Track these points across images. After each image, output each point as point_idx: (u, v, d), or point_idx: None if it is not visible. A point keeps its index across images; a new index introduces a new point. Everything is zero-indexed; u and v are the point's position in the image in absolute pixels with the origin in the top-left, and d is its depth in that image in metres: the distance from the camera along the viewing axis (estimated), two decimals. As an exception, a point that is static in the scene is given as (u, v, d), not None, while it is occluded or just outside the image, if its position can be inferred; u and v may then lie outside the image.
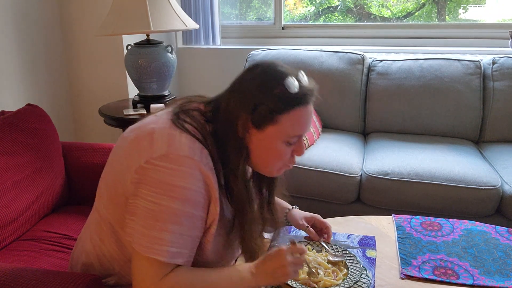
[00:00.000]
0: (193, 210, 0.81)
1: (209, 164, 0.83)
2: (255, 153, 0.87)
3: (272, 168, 0.90)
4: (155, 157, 0.79)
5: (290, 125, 0.84)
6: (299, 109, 0.84)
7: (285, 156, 0.88)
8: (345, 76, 2.22)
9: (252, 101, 0.84)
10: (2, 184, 1.28)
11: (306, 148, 1.94)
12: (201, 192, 0.82)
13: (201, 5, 2.62)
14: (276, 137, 0.85)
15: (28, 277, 0.91)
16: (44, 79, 2.39)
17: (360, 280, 0.97)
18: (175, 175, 0.79)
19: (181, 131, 0.82)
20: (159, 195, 0.79)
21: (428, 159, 1.80)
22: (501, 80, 2.08)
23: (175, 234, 0.79)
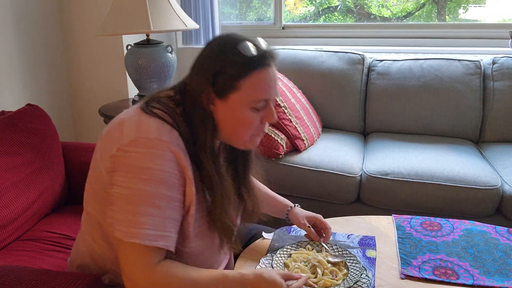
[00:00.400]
0: (167, 191, 0.81)
1: (180, 145, 0.83)
2: (224, 125, 0.87)
3: (244, 138, 0.89)
4: (125, 144, 0.80)
5: (252, 90, 0.84)
6: (258, 72, 0.83)
7: (254, 123, 0.87)
8: (345, 76, 2.22)
9: (211, 72, 0.84)
10: (2, 184, 1.28)
11: (305, 148, 1.94)
12: (174, 173, 0.82)
13: (201, 5, 2.62)
14: (240, 104, 0.85)
15: (29, 277, 0.91)
16: (44, 79, 2.39)
17: (360, 280, 0.97)
18: (145, 158, 0.79)
19: (150, 115, 0.83)
20: (132, 179, 0.80)
21: (428, 159, 1.80)
22: (501, 80, 2.08)
23: (151, 216, 0.80)
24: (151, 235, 0.79)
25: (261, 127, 0.89)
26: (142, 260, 0.81)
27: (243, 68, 0.83)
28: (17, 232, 1.31)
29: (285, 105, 1.93)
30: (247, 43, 0.84)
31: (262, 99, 0.85)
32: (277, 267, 0.98)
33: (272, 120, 0.88)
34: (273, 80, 0.87)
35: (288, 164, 1.85)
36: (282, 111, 1.91)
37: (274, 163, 1.87)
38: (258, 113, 0.87)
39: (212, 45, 0.87)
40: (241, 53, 0.83)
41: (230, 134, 0.89)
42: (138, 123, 0.82)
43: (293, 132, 1.90)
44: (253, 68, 0.83)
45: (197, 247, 0.91)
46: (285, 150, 1.87)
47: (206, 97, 0.85)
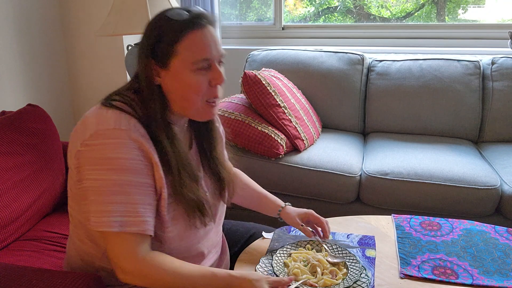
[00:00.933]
0: (134, 177, 0.83)
1: (140, 131, 0.84)
2: (174, 95, 0.89)
3: (196, 104, 0.89)
4: (87, 138, 0.83)
5: (189, 51, 0.85)
6: (193, 33, 0.85)
7: (201, 87, 0.87)
8: (344, 76, 2.22)
9: (150, 45, 0.86)
10: (3, 184, 1.28)
11: (305, 148, 1.95)
12: (139, 160, 0.83)
13: (201, 5, 2.62)
14: (182, 68, 0.86)
15: (29, 277, 0.91)
16: (45, 79, 2.40)
17: (360, 280, 0.97)
18: (107, 148, 0.81)
19: (108, 108, 0.86)
20: (98, 171, 0.82)
21: (427, 159, 1.80)
22: (500, 80, 2.08)
23: (121, 204, 0.82)
24: (122, 222, 0.82)
25: (211, 91, 0.89)
26: (126, 248, 0.83)
27: (177, 31, 0.85)
28: (18, 232, 1.32)
29: (285, 105, 1.94)
30: (176, 9, 0.87)
31: (201, 58, 0.86)
32: (277, 267, 0.98)
33: (220, 80, 0.88)
34: (211, 40, 0.87)
35: (288, 164, 1.85)
36: (282, 111, 1.91)
37: (274, 163, 1.87)
38: (204, 76, 0.87)
39: (147, 25, 0.90)
40: (172, 19, 0.85)
41: (182, 104, 0.90)
42: (97, 116, 0.85)
43: (293, 132, 1.90)
44: (186, 30, 0.85)
45: (176, 230, 0.92)
46: (285, 150, 1.87)
47: (151, 71, 0.87)
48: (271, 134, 1.85)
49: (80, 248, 0.96)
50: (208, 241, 1.01)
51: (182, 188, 0.89)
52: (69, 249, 1.02)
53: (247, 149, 1.91)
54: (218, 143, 1.03)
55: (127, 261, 0.83)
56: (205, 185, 1.00)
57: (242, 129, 1.88)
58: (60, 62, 2.51)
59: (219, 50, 0.89)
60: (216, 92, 0.90)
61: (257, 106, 1.94)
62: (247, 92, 1.94)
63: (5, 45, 2.11)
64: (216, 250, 1.07)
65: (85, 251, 0.95)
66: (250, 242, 1.18)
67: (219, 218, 1.07)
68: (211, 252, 1.04)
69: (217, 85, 0.89)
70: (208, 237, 1.01)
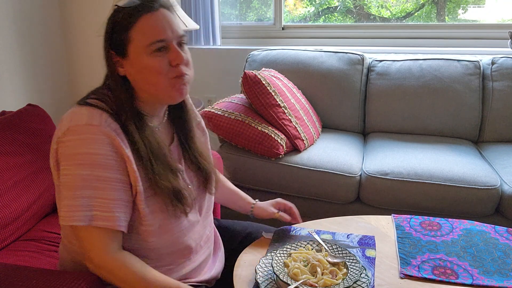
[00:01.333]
0: (104, 173, 0.83)
1: (112, 125, 0.85)
2: (138, 82, 0.90)
3: (161, 86, 0.89)
4: (61, 135, 0.85)
5: (142, 35, 0.86)
6: (144, 17, 0.86)
7: (162, 68, 0.87)
8: (344, 76, 2.22)
9: (108, 37, 0.89)
10: (3, 184, 1.28)
11: (305, 148, 1.95)
12: (109, 155, 0.84)
13: (201, 5, 2.62)
14: (139, 54, 0.87)
15: (29, 277, 0.91)
16: (45, 79, 2.40)
17: (360, 280, 0.97)
18: (78, 144, 0.83)
19: (82, 106, 0.87)
20: (70, 167, 0.84)
21: (427, 159, 1.80)
22: (500, 80, 2.08)
23: (89, 198, 0.83)
24: (90, 216, 0.83)
25: (175, 70, 0.89)
26: (95, 242, 0.84)
27: (128, 18, 0.87)
28: (18, 232, 1.32)
29: (285, 105, 1.94)
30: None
31: (155, 40, 0.86)
32: (277, 267, 0.98)
33: (179, 60, 0.88)
34: (165, 22, 0.88)
35: (288, 164, 1.85)
36: (282, 111, 1.91)
37: (274, 163, 1.87)
38: (162, 57, 0.88)
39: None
40: (123, 8, 0.87)
41: (149, 89, 0.90)
42: (71, 114, 0.87)
43: (293, 132, 1.90)
44: (137, 16, 0.86)
45: (157, 223, 0.92)
46: (285, 150, 1.87)
47: (113, 63, 0.89)
48: (271, 134, 1.85)
49: (70, 249, 0.98)
50: (194, 234, 1.01)
51: (155, 177, 0.89)
52: (61, 251, 1.03)
53: (247, 149, 1.91)
54: (195, 133, 1.04)
55: (96, 255, 0.85)
56: (188, 178, 1.00)
57: (242, 129, 1.88)
58: (60, 62, 2.51)
59: (176, 31, 0.89)
60: (181, 70, 0.89)
61: (257, 106, 1.94)
62: (247, 92, 1.94)
63: (5, 45, 2.11)
64: (208, 246, 1.07)
65: (74, 251, 0.96)
66: (247, 240, 1.19)
67: (206, 211, 1.07)
68: (201, 247, 1.04)
69: (180, 65, 0.89)
70: (194, 230, 1.01)
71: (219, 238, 1.17)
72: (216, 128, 1.92)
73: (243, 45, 2.77)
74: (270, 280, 0.97)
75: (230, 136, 1.91)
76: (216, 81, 2.76)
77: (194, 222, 1.01)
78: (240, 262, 1.07)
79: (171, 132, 1.02)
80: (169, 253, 0.95)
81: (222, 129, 1.91)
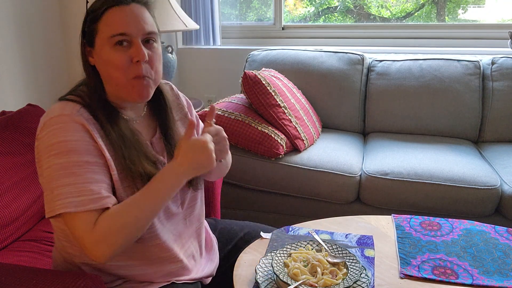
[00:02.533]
0: (80, 157, 0.84)
1: (84, 114, 0.87)
2: (102, 73, 0.91)
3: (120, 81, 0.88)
4: (38, 132, 0.87)
5: (107, 27, 0.88)
6: (112, 9, 0.88)
7: (122, 63, 0.87)
8: (344, 76, 2.22)
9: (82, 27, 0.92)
10: (3, 184, 1.28)
11: (305, 148, 1.95)
12: (84, 140, 0.85)
13: (201, 5, 2.62)
14: (103, 45, 0.88)
15: (29, 277, 0.91)
16: (45, 79, 2.40)
17: (360, 280, 0.97)
18: (52, 135, 0.84)
19: (58, 101, 0.90)
20: (47, 159, 0.84)
21: (427, 159, 1.80)
22: (500, 80, 2.08)
23: (72, 185, 0.82)
24: (76, 202, 0.82)
25: (135, 68, 0.88)
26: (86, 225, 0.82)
27: (98, 10, 0.89)
28: (18, 232, 1.32)
29: (285, 105, 1.94)
30: None
31: (117, 33, 0.87)
32: (277, 267, 0.98)
33: (139, 57, 0.87)
34: (132, 16, 0.88)
35: (288, 164, 1.85)
36: (282, 111, 1.91)
37: (274, 163, 1.87)
38: (123, 52, 0.88)
39: None
40: (93, 2, 0.90)
41: (111, 82, 0.91)
42: (47, 111, 0.89)
43: (293, 132, 1.90)
44: (107, 7, 0.88)
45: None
46: (285, 150, 1.87)
47: (85, 53, 0.92)
48: (271, 134, 1.85)
49: (61, 249, 0.98)
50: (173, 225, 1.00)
51: (127, 162, 0.89)
52: (54, 253, 1.04)
53: (247, 149, 1.91)
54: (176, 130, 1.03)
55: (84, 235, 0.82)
56: None
57: (242, 129, 1.88)
58: (60, 61, 2.51)
59: (143, 28, 0.89)
60: (140, 70, 0.88)
61: (257, 106, 1.94)
62: (247, 92, 1.94)
63: (5, 45, 2.11)
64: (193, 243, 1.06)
65: (65, 250, 0.97)
66: (244, 240, 1.19)
67: (188, 205, 1.05)
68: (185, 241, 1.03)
69: (140, 62, 0.88)
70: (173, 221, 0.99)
71: (213, 238, 1.17)
72: (216, 128, 1.92)
73: (243, 45, 2.77)
74: (270, 280, 0.97)
75: (230, 136, 1.91)
76: (216, 81, 2.76)
77: (174, 214, 1.00)
78: (240, 262, 1.07)
79: (154, 125, 1.02)
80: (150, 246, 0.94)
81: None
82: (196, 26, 2.23)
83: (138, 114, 0.99)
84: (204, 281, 1.10)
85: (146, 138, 0.98)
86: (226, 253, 1.18)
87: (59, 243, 0.99)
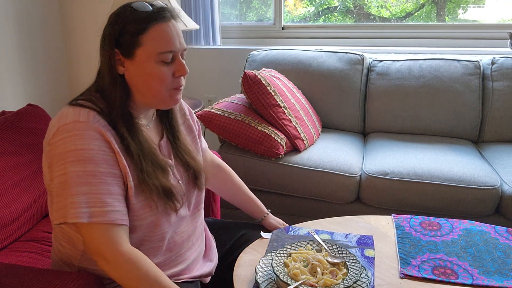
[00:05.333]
0: (97, 167, 0.84)
1: (100, 121, 0.87)
2: (138, 84, 0.91)
3: (161, 94, 0.91)
4: (51, 137, 0.86)
5: (154, 42, 0.88)
6: (157, 25, 0.89)
7: (166, 77, 0.90)
8: (344, 76, 2.22)
9: (115, 35, 0.89)
10: (3, 184, 1.28)
11: (305, 148, 1.95)
12: (101, 149, 0.85)
13: (201, 5, 2.62)
14: (148, 58, 0.88)
15: (29, 277, 0.91)
16: (45, 79, 2.40)
17: (360, 280, 0.97)
18: (68, 142, 0.83)
19: (70, 106, 0.89)
20: (62, 166, 0.83)
21: (427, 159, 1.80)
22: (500, 80, 2.08)
23: (86, 195, 0.83)
24: (89, 213, 0.82)
25: (176, 81, 0.93)
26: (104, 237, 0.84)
27: (142, 23, 0.88)
28: (18, 232, 1.32)
29: (285, 105, 1.94)
30: (140, 2, 0.90)
31: (166, 50, 0.89)
32: (277, 267, 0.98)
33: (183, 72, 0.92)
34: (175, 33, 0.91)
35: (288, 164, 1.85)
36: (282, 111, 1.91)
37: (274, 163, 1.87)
38: (167, 67, 0.90)
39: (110, 17, 0.92)
40: (137, 11, 0.89)
41: (147, 93, 0.92)
42: (59, 116, 0.88)
43: (293, 132, 1.90)
44: (151, 22, 0.88)
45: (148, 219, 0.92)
46: (285, 150, 1.87)
47: (115, 61, 0.90)
48: (271, 134, 1.85)
49: (60, 251, 0.98)
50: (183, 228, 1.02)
51: (144, 175, 0.90)
52: (52, 254, 1.04)
53: (247, 149, 1.91)
54: (181, 132, 1.06)
55: (108, 250, 0.84)
56: (177, 172, 1.01)
57: (242, 129, 1.88)
58: (60, 62, 2.51)
59: (182, 44, 0.93)
60: (180, 82, 0.94)
61: (257, 106, 1.94)
62: (247, 92, 1.94)
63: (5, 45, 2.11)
64: (199, 243, 1.08)
65: (64, 253, 0.97)
66: (242, 240, 1.20)
67: (194, 206, 1.07)
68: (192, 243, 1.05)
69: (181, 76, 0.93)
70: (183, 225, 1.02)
71: (211, 237, 1.18)
72: (216, 128, 1.93)
73: (243, 45, 2.77)
74: (270, 280, 0.97)
75: (230, 136, 1.91)
76: (216, 81, 2.77)
77: (183, 217, 1.02)
78: (240, 262, 1.07)
79: (161, 129, 1.04)
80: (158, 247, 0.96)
81: (222, 129, 1.91)
82: (196, 26, 2.23)
83: (149, 120, 1.01)
84: (204, 280, 1.10)
85: (155, 141, 0.99)
86: (224, 253, 1.19)
87: (57, 244, 0.99)
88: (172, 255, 1.00)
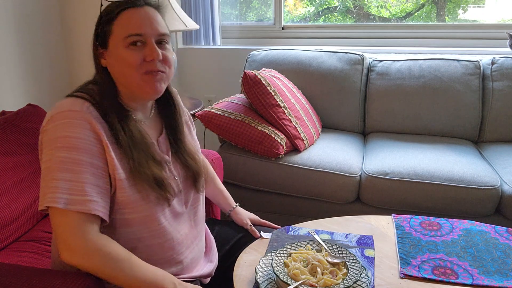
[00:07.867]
0: (82, 156, 0.84)
1: (93, 113, 0.87)
2: (116, 75, 0.93)
3: (134, 80, 0.90)
4: (44, 125, 0.88)
5: (122, 28, 0.89)
6: (127, 11, 0.90)
7: (135, 61, 0.89)
8: (344, 76, 2.22)
9: (95, 29, 0.94)
10: (3, 184, 1.28)
11: (305, 148, 1.95)
12: (89, 140, 0.85)
13: (201, 5, 2.62)
14: (117, 46, 0.90)
15: (29, 277, 0.91)
16: (45, 79, 2.40)
17: (360, 280, 0.97)
18: (59, 128, 0.85)
19: (67, 97, 0.90)
20: (50, 151, 0.85)
21: (427, 159, 1.80)
22: (500, 80, 2.08)
23: (67, 181, 0.83)
24: (67, 200, 0.82)
25: (148, 65, 0.90)
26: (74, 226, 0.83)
27: (112, 12, 0.91)
28: (18, 232, 1.32)
29: (285, 105, 1.94)
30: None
31: (132, 33, 0.89)
32: (277, 267, 0.98)
33: (154, 56, 0.89)
34: (146, 18, 0.91)
35: (288, 164, 1.85)
36: (282, 111, 1.91)
37: (274, 163, 1.87)
38: (138, 51, 0.90)
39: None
40: (110, 2, 0.92)
41: (124, 82, 0.93)
42: (56, 105, 0.89)
43: (293, 132, 1.90)
44: (121, 9, 0.90)
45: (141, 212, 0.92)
46: (285, 150, 1.87)
47: (97, 54, 0.94)
48: (271, 134, 1.85)
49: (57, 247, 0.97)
50: (180, 225, 1.01)
51: (135, 164, 0.90)
52: (52, 254, 1.04)
53: (247, 149, 1.91)
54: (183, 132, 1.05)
55: (74, 239, 0.82)
56: (175, 170, 1.01)
57: (242, 129, 1.88)
58: (60, 62, 2.51)
59: (156, 28, 0.92)
60: (154, 66, 0.90)
61: (257, 106, 1.94)
62: (247, 92, 1.94)
63: (5, 45, 2.11)
64: (197, 243, 1.07)
65: None
66: (242, 241, 1.20)
67: (192, 204, 1.06)
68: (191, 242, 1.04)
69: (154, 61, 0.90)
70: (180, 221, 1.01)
71: (212, 238, 1.18)
72: (216, 128, 1.93)
73: (243, 45, 2.77)
74: (270, 280, 0.97)
75: (230, 136, 1.91)
76: (216, 81, 2.77)
77: (180, 214, 1.01)
78: (240, 262, 1.07)
79: (160, 126, 1.04)
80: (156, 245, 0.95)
81: (222, 129, 1.91)
82: (196, 26, 2.23)
83: (146, 116, 1.01)
84: (203, 281, 1.10)
85: (153, 137, 0.99)
86: (224, 253, 1.19)
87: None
88: (169, 254, 0.99)
